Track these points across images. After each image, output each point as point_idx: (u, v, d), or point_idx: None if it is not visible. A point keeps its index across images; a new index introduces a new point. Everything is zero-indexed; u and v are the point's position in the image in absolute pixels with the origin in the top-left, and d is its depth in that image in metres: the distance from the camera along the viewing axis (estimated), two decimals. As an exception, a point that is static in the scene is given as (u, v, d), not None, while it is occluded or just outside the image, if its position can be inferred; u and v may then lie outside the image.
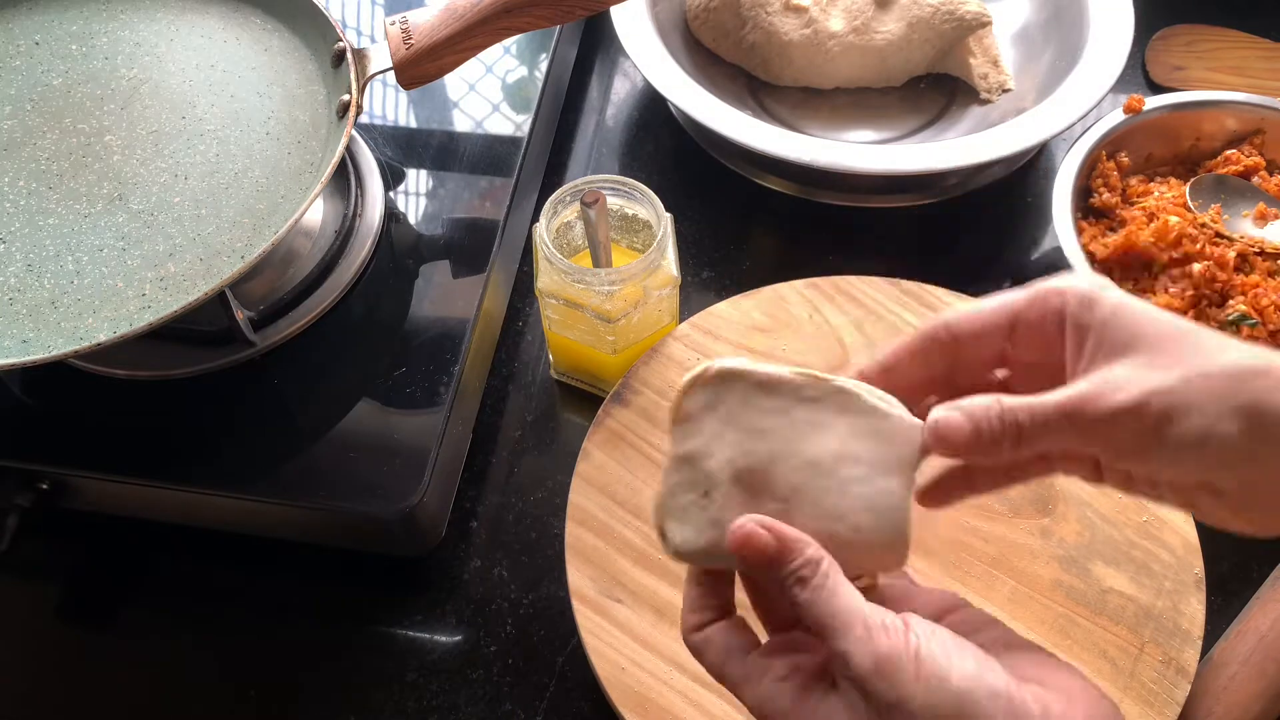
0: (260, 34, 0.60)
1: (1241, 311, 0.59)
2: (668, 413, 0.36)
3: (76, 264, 0.51)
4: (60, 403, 0.57)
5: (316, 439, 0.55)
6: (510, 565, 0.57)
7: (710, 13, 0.76)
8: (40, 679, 0.56)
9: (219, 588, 0.58)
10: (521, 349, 0.66)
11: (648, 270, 0.54)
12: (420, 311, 0.59)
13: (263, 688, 0.54)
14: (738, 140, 0.66)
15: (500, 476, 0.60)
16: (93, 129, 0.56)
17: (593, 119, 0.78)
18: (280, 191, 0.54)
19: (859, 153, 0.66)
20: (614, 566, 0.51)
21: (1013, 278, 0.68)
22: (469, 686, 0.54)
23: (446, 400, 0.55)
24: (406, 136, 0.68)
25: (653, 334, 0.59)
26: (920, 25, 0.72)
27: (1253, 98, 0.67)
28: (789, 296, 0.60)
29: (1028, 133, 0.66)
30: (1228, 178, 0.66)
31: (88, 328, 0.49)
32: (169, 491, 0.54)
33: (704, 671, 0.47)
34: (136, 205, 0.53)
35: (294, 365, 0.57)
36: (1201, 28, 0.80)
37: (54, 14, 0.61)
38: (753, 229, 0.71)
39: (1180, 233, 0.61)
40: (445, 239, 0.62)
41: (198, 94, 0.57)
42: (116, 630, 0.57)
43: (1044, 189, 0.72)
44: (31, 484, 0.55)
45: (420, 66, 0.56)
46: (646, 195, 0.56)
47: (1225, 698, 0.48)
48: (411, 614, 0.56)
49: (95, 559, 0.59)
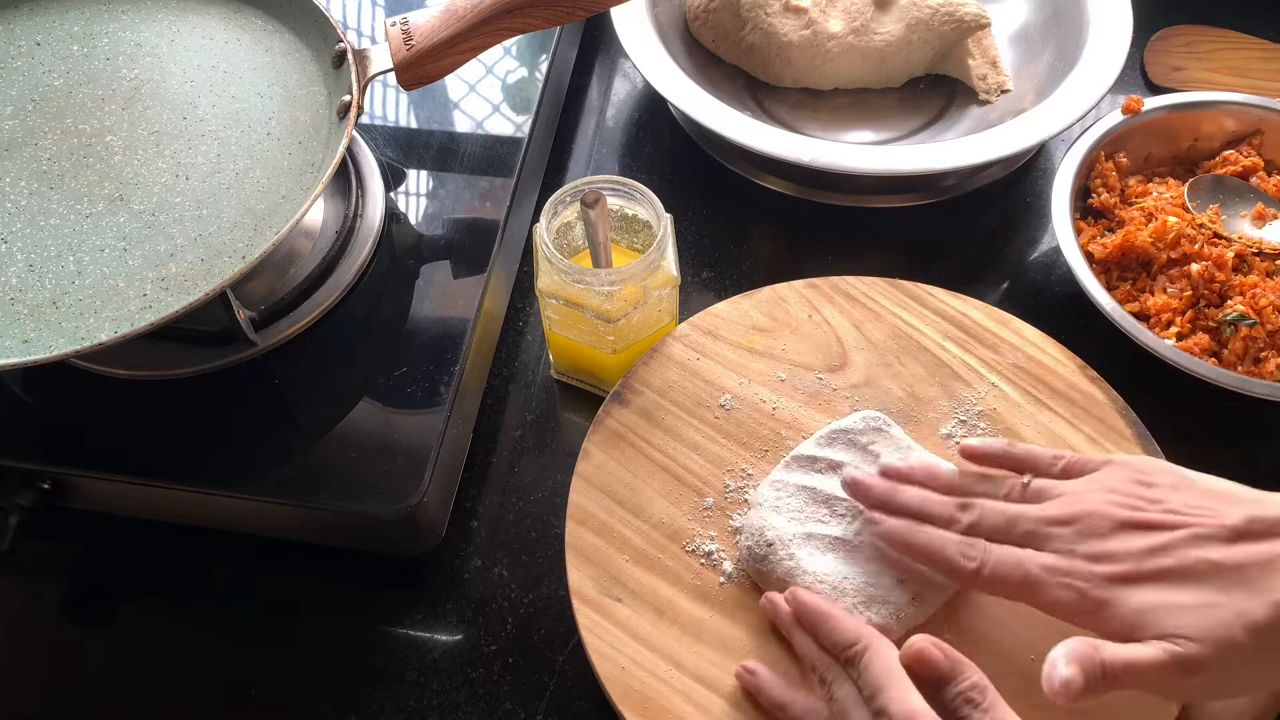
0: (261, 35, 0.60)
1: (1240, 311, 0.59)
2: None
3: (78, 264, 0.51)
4: (61, 403, 0.57)
5: (317, 439, 0.55)
6: (510, 565, 0.57)
7: (710, 14, 0.76)
8: (40, 679, 0.56)
9: (219, 588, 0.58)
10: (521, 349, 0.66)
11: (648, 270, 0.54)
12: (421, 311, 0.59)
13: (263, 688, 0.54)
14: (737, 141, 0.66)
15: (500, 476, 0.61)
16: (94, 129, 0.56)
17: (593, 119, 0.78)
18: (281, 192, 0.54)
19: (858, 153, 0.66)
20: (614, 566, 0.51)
21: (1011, 278, 0.68)
22: (469, 686, 0.54)
23: (447, 400, 0.55)
24: (407, 137, 0.68)
25: (653, 334, 0.59)
26: (919, 27, 0.73)
27: (1251, 98, 0.68)
28: (788, 297, 0.60)
29: (1026, 133, 0.66)
30: (1226, 178, 0.66)
31: (89, 328, 0.49)
32: (169, 491, 0.54)
33: (703, 670, 0.48)
34: (138, 205, 0.53)
35: (295, 365, 0.58)
36: (1200, 28, 0.80)
37: (55, 15, 0.61)
38: (752, 229, 0.71)
39: (1179, 233, 0.62)
40: (446, 239, 0.62)
41: (199, 94, 0.57)
42: (116, 630, 0.57)
43: (1043, 189, 0.73)
44: (32, 483, 0.55)
45: (421, 67, 0.56)
46: (646, 195, 0.56)
47: (1224, 697, 0.48)
48: (411, 614, 0.56)
49: (95, 559, 0.59)
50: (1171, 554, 0.41)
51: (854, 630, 0.43)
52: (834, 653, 0.44)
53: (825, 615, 0.45)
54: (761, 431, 0.55)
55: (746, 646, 0.49)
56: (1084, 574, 0.41)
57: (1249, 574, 0.39)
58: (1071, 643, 0.39)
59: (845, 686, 0.43)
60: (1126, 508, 0.43)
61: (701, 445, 0.55)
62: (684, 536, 0.52)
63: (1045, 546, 0.43)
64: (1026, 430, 0.55)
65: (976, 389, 0.56)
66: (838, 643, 0.43)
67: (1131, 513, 0.42)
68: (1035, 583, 0.42)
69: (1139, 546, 0.41)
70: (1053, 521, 0.43)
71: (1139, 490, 0.43)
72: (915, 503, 0.47)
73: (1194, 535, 0.41)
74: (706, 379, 0.57)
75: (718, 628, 0.49)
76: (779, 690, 0.46)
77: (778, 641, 0.49)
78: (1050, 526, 0.43)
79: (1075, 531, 0.43)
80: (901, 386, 0.57)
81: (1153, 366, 0.58)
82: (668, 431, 0.55)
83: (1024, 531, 0.44)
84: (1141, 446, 0.54)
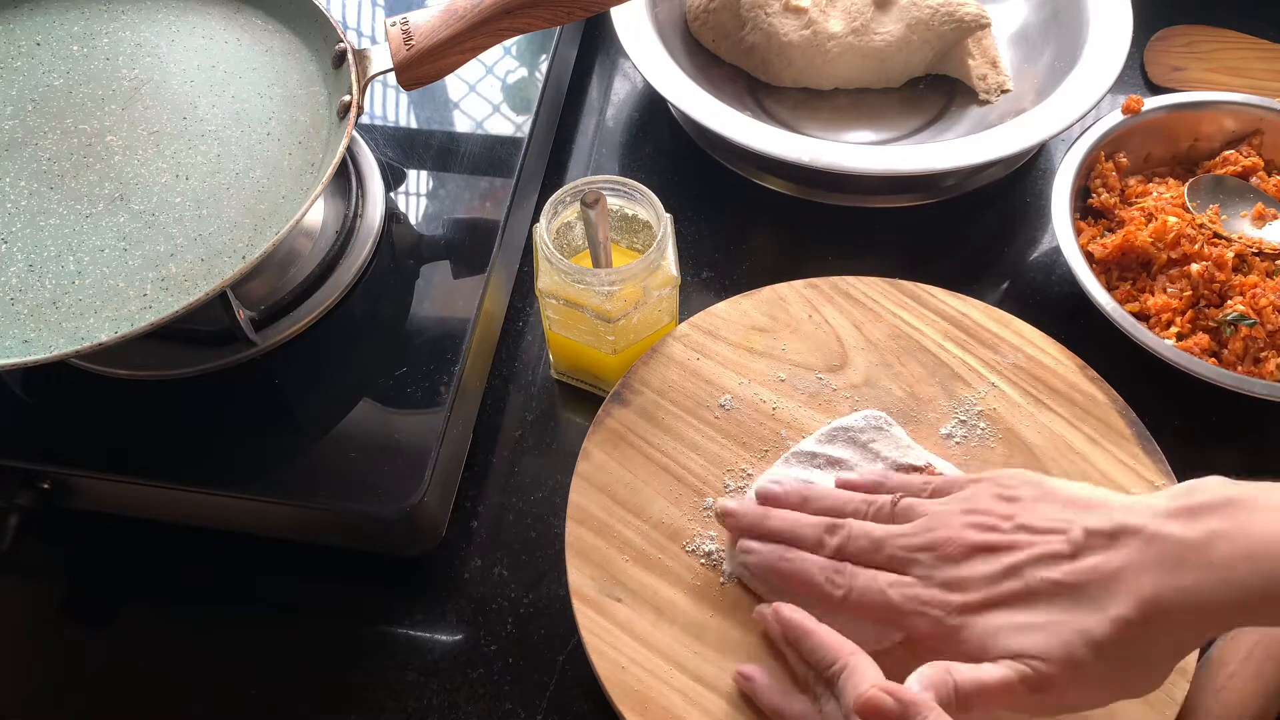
0: (261, 35, 0.60)
1: (1239, 312, 0.59)
2: None
3: (78, 264, 0.51)
4: (61, 402, 0.57)
5: (317, 439, 0.55)
6: (510, 565, 0.57)
7: (710, 14, 0.76)
8: (40, 679, 0.56)
9: (219, 588, 0.58)
10: (521, 349, 0.66)
11: (648, 270, 0.54)
12: (421, 311, 0.59)
13: (263, 687, 0.54)
14: (737, 141, 0.66)
15: (500, 476, 0.61)
16: (94, 129, 0.56)
17: (593, 119, 0.78)
18: (281, 192, 0.54)
19: (858, 153, 0.66)
20: (614, 566, 0.51)
21: (1011, 278, 0.68)
22: (469, 686, 0.54)
23: (447, 400, 0.55)
24: (407, 137, 0.68)
25: (653, 334, 0.59)
26: (919, 27, 0.73)
27: (1251, 98, 0.68)
28: (788, 297, 0.60)
29: (1026, 133, 0.66)
30: (1226, 178, 0.66)
31: (89, 328, 0.49)
32: (169, 491, 0.54)
33: (703, 670, 0.48)
34: (138, 205, 0.53)
35: (295, 365, 0.58)
36: (1200, 28, 0.80)
37: (55, 15, 0.61)
38: (752, 229, 0.71)
39: (1178, 233, 0.62)
40: (446, 239, 0.62)
41: (199, 94, 0.57)
42: (116, 630, 0.57)
43: (1043, 189, 0.73)
44: (33, 483, 0.55)
45: (421, 67, 0.56)
46: (646, 195, 0.56)
47: (1223, 697, 0.48)
48: (411, 614, 0.56)
49: (95, 559, 0.59)
50: (1019, 577, 0.42)
51: (833, 649, 0.43)
52: (817, 671, 0.44)
53: (806, 633, 0.45)
54: (761, 431, 0.55)
55: (746, 647, 0.49)
56: (938, 603, 0.43)
57: (1089, 590, 0.40)
58: (924, 669, 0.41)
59: (830, 702, 0.43)
60: (980, 529, 0.44)
61: (701, 445, 0.55)
62: (684, 536, 0.52)
63: (909, 571, 0.45)
64: (1026, 430, 0.55)
65: (976, 389, 0.56)
66: (819, 662, 0.44)
67: (983, 534, 0.44)
68: (896, 609, 0.44)
69: (988, 571, 0.43)
70: (914, 548, 0.45)
71: (997, 507, 0.45)
72: (785, 527, 0.48)
73: (1040, 555, 0.42)
74: (706, 379, 0.57)
75: (718, 628, 0.49)
76: (775, 696, 0.46)
77: (778, 641, 0.49)
78: (913, 553, 0.45)
79: (934, 558, 0.44)
80: (901, 386, 0.57)
81: (1153, 366, 0.58)
82: (668, 431, 0.55)
83: (888, 556, 0.45)
84: (1141, 446, 0.54)
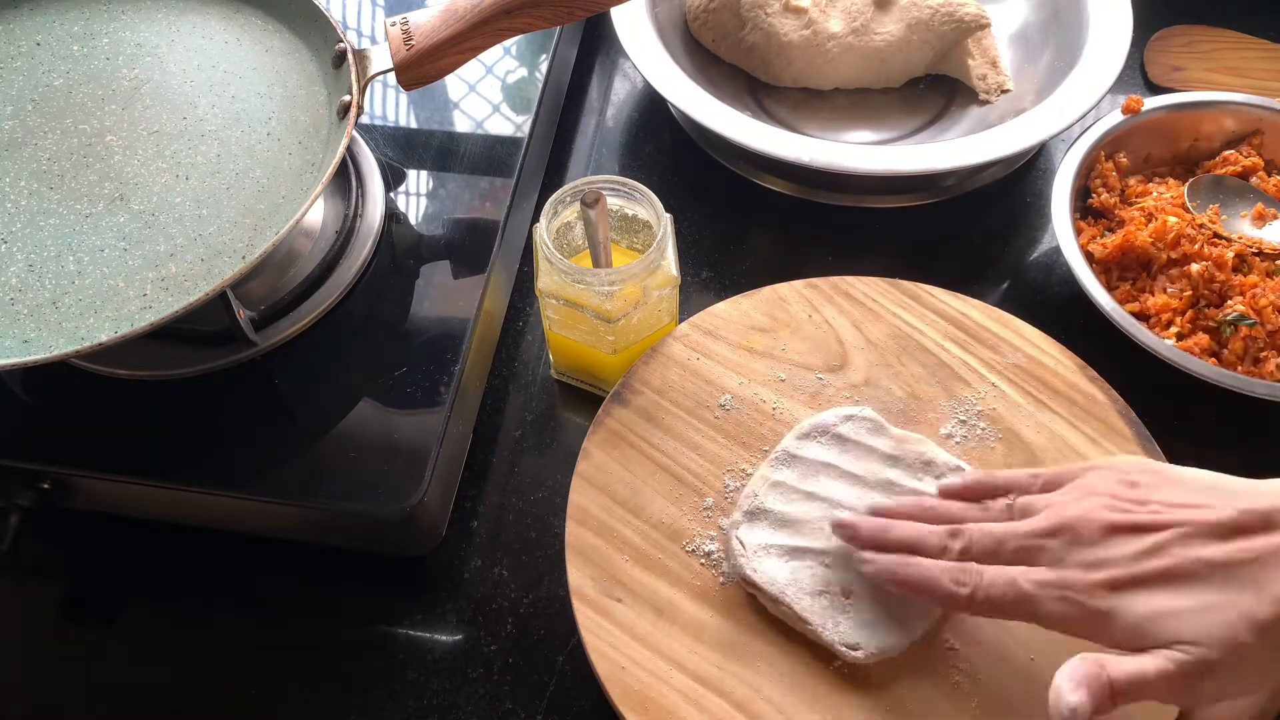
0: (261, 35, 0.60)
1: (1240, 312, 0.59)
2: None
3: (78, 264, 0.51)
4: (61, 402, 0.57)
5: (317, 439, 0.55)
6: (510, 564, 0.57)
7: (710, 13, 0.76)
8: (40, 679, 0.56)
9: (219, 588, 0.58)
10: (521, 349, 0.66)
11: (648, 270, 0.54)
12: (421, 311, 0.59)
13: (263, 687, 0.54)
14: (737, 140, 0.66)
15: (500, 476, 0.61)
16: (94, 129, 0.56)
17: (593, 119, 0.78)
18: (281, 192, 0.54)
19: (858, 153, 0.66)
20: (614, 566, 0.51)
21: (1011, 278, 0.68)
22: (469, 686, 0.54)
23: (447, 400, 0.55)
24: (407, 137, 0.68)
25: (653, 334, 0.59)
26: (919, 27, 0.73)
27: (1251, 98, 0.68)
28: (788, 296, 0.60)
29: (1026, 133, 0.66)
30: (1226, 178, 0.66)
31: (89, 328, 0.49)
32: (169, 491, 0.54)
33: (703, 670, 0.48)
34: (138, 205, 0.53)
35: (295, 365, 0.58)
36: (1200, 28, 0.80)
37: (55, 15, 0.61)
38: (752, 229, 0.71)
39: (1178, 233, 0.62)
40: (446, 239, 0.62)
41: (199, 94, 0.57)
42: (116, 630, 0.57)
43: (1043, 189, 0.73)
44: (33, 483, 0.55)
45: (421, 67, 0.56)
46: (646, 195, 0.56)
47: (1224, 696, 0.48)
48: (411, 614, 0.56)
49: (95, 559, 0.59)
50: (1166, 554, 0.40)
51: None
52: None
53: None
54: (761, 431, 0.55)
55: (747, 646, 0.49)
56: (1079, 584, 0.41)
57: (1248, 570, 0.38)
58: (1074, 665, 0.39)
59: None
60: (1114, 510, 0.42)
61: (701, 445, 0.55)
62: (684, 536, 0.52)
63: (1038, 561, 0.42)
64: (1026, 430, 0.55)
65: (976, 389, 0.56)
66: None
67: (1119, 515, 0.42)
68: (1030, 599, 0.41)
69: (1131, 550, 0.40)
70: (1041, 534, 0.43)
71: (1124, 491, 0.43)
72: (908, 536, 0.47)
73: (1186, 534, 0.40)
74: (706, 379, 0.57)
75: (718, 628, 0.49)
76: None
77: (778, 641, 0.49)
78: (1039, 539, 0.43)
79: (1065, 542, 0.42)
80: (901, 386, 0.57)
81: (1153, 366, 0.58)
82: (668, 431, 0.55)
83: (1014, 549, 0.43)
84: (1141, 446, 0.54)
